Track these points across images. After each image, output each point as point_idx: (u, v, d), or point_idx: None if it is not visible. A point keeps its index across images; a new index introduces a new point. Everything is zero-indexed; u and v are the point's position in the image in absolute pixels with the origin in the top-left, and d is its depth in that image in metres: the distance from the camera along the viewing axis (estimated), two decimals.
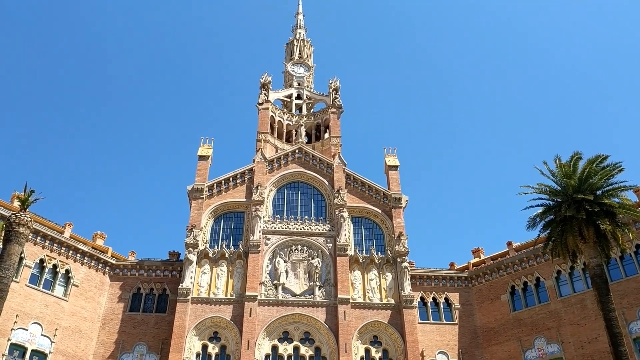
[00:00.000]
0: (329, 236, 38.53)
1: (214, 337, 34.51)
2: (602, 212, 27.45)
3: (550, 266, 36.82)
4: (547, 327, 35.42)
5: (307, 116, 48.52)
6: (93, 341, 35.08)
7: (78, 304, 35.36)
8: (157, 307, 36.92)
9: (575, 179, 28.66)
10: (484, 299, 38.88)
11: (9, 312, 30.91)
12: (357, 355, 34.20)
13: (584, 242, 27.83)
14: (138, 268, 38.09)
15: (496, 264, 39.42)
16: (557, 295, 36.13)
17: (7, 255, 22.82)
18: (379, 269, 37.85)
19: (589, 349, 33.22)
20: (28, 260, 33.88)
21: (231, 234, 38.79)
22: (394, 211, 40.03)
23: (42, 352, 32.65)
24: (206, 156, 41.11)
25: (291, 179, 41.43)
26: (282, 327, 35.00)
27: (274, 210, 39.85)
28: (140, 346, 35.16)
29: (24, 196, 25.27)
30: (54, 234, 35.84)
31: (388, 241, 39.14)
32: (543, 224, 30.22)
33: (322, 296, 36.08)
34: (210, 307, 35.06)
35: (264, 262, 37.03)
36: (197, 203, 38.74)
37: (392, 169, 42.38)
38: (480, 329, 37.94)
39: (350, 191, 40.86)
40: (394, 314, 35.81)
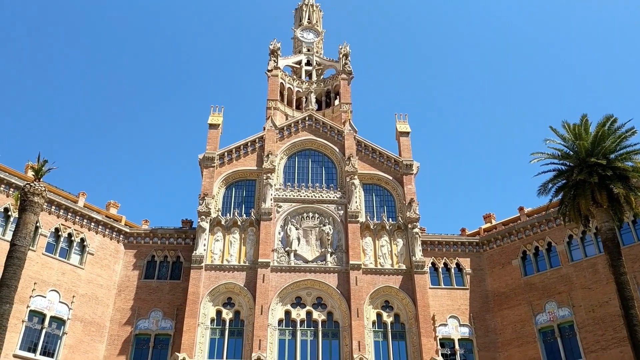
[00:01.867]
0: (340, 203, 38.65)
1: (228, 302, 35.07)
2: (615, 175, 27.26)
3: (562, 231, 36.79)
4: (558, 291, 35.58)
5: (317, 83, 48.13)
6: (109, 308, 35.79)
7: (94, 271, 35.98)
8: (171, 274, 37.50)
9: (588, 142, 28.41)
10: (495, 264, 39.04)
11: (27, 280, 31.54)
12: (368, 320, 34.66)
13: (596, 206, 27.72)
14: (152, 236, 38.54)
15: (507, 229, 39.43)
16: (569, 259, 36.19)
17: (23, 224, 23.12)
18: (390, 235, 38.02)
19: (599, 312, 33.39)
20: (43, 230, 34.40)
21: (243, 202, 39.03)
22: (405, 178, 39.97)
23: (61, 319, 33.41)
24: (216, 124, 41.11)
25: (302, 147, 41.39)
26: (294, 293, 35.46)
27: (285, 178, 39.95)
28: (155, 312, 35.84)
29: (37, 166, 25.45)
30: (68, 203, 36.27)
31: (399, 208, 39.20)
32: (555, 188, 30.10)
33: (333, 262, 36.40)
34: (224, 273, 35.53)
35: (276, 229, 37.32)
36: (208, 171, 38.91)
37: (403, 135, 42.17)
38: (492, 294, 38.20)
39: (361, 158, 40.79)
40: (405, 279, 36.10)
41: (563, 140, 29.89)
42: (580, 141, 28.72)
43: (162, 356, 34.59)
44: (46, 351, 32.24)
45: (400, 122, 43.08)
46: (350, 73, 46.53)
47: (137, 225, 39.63)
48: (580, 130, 29.20)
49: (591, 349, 32.89)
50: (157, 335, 35.22)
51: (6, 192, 33.67)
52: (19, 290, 23.76)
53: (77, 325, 33.86)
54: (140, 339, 35.10)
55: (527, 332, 35.54)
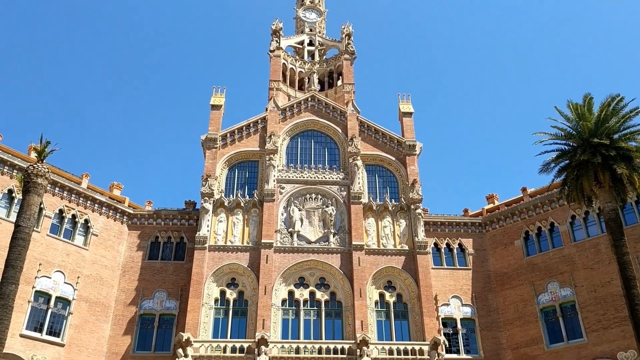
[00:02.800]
0: (343, 184, 38.66)
1: (232, 283, 35.31)
2: (618, 156, 27.22)
3: (564, 211, 36.81)
4: (560, 271, 35.70)
5: (320, 63, 47.83)
6: (114, 288, 36.08)
7: (98, 252, 36.21)
8: (175, 255, 37.72)
9: (591, 122, 28.30)
10: (497, 245, 39.14)
11: (32, 261, 31.78)
12: (371, 300, 34.89)
13: (599, 186, 27.72)
14: (155, 217, 38.70)
15: (510, 209, 39.46)
16: (571, 240, 36.25)
17: (27, 205, 23.24)
18: (393, 216, 38.08)
19: (601, 292, 33.55)
20: (47, 211, 34.57)
21: (246, 183, 39.08)
22: (407, 158, 39.90)
23: (66, 299, 33.73)
24: (219, 105, 41.00)
25: (304, 128, 41.29)
26: (298, 273, 35.66)
27: (288, 159, 39.92)
28: (160, 292, 36.14)
29: (40, 147, 25.49)
30: (72, 184, 36.39)
31: (402, 188, 39.21)
32: (558, 169, 30.09)
33: (336, 243, 36.54)
34: (227, 254, 35.72)
35: (279, 210, 37.41)
36: (211, 152, 38.90)
37: (406, 115, 41.99)
38: (494, 274, 38.36)
39: (364, 139, 40.70)
40: (408, 259, 36.24)
41: (566, 120, 29.78)
42: (583, 121, 28.61)
43: (166, 336, 34.97)
44: (52, 331, 32.62)
45: (403, 103, 42.87)
46: (353, 53, 46.20)
47: (141, 206, 39.77)
48: (584, 111, 29.07)
49: (592, 328, 33.12)
50: (162, 315, 35.56)
51: (10, 173, 33.78)
52: (25, 271, 23.95)
53: (83, 306, 34.19)
54: (145, 319, 35.45)
55: (529, 311, 35.75)
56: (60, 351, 32.33)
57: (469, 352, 35.81)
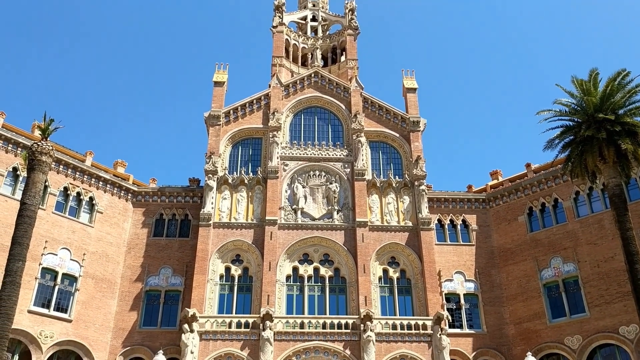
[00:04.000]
0: (347, 161, 38.62)
1: (237, 259, 35.54)
2: (623, 131, 27.11)
3: (568, 187, 36.78)
4: (563, 247, 35.81)
5: (323, 39, 47.41)
6: (120, 265, 36.39)
7: (103, 229, 36.44)
8: (180, 232, 37.95)
9: (597, 97, 28.10)
10: (501, 221, 39.20)
11: (38, 238, 32.03)
12: (375, 276, 35.12)
13: (603, 162, 27.66)
14: (159, 195, 38.84)
15: (514, 185, 39.43)
16: (575, 215, 36.29)
17: (32, 183, 23.34)
18: (397, 192, 38.09)
19: (604, 267, 33.68)
20: (52, 189, 34.71)
21: (249, 160, 39.07)
22: (412, 135, 39.77)
23: (73, 276, 34.05)
24: (221, 82, 40.78)
25: (308, 104, 41.11)
26: (302, 250, 35.85)
27: (291, 136, 39.83)
28: (165, 269, 36.45)
29: (44, 125, 25.50)
30: (76, 162, 36.47)
31: (406, 165, 39.15)
32: (562, 145, 30.04)
33: (340, 220, 36.65)
34: (232, 231, 35.90)
35: (283, 187, 37.46)
36: (214, 130, 38.85)
37: (411, 91, 41.71)
38: (497, 250, 38.50)
39: (368, 115, 40.52)
40: (412, 235, 36.37)
41: (571, 96, 29.61)
42: (588, 97, 28.42)
43: (172, 311, 35.37)
44: (59, 307, 33.01)
45: (407, 78, 42.53)
46: (357, 29, 45.74)
47: (145, 184, 39.91)
48: (589, 86, 28.88)
49: (595, 303, 33.33)
50: (167, 292, 35.92)
51: (14, 151, 33.84)
52: (31, 248, 24.13)
53: (89, 282, 34.53)
54: (150, 295, 35.83)
55: (532, 287, 35.96)
56: (68, 327, 32.76)
57: (472, 327, 36.15)
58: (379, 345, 32.33)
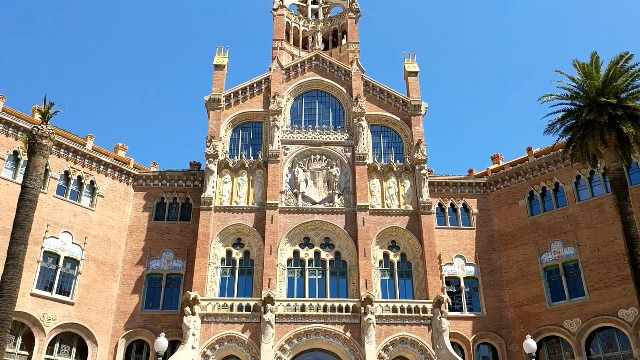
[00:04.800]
0: (348, 145, 38.57)
1: (238, 243, 35.66)
2: (625, 115, 27.05)
3: (569, 171, 36.76)
4: (564, 230, 35.88)
5: (324, 21, 47.05)
6: (121, 248, 36.54)
7: (105, 213, 36.53)
8: (181, 216, 38.06)
9: (599, 81, 27.98)
10: (502, 205, 39.25)
11: (40, 222, 32.11)
12: (375, 259, 35.25)
13: (605, 146, 27.62)
14: (160, 178, 38.88)
15: (515, 169, 39.41)
16: (576, 199, 36.31)
17: (32, 167, 23.35)
18: (398, 176, 38.09)
19: (604, 251, 33.78)
20: (53, 172, 34.74)
21: (250, 144, 39.02)
22: (413, 119, 39.65)
23: (74, 259, 34.21)
24: (222, 65, 40.59)
25: (308, 88, 40.95)
26: (302, 234, 35.95)
27: (292, 120, 39.73)
28: (166, 252, 36.61)
29: (44, 109, 25.43)
30: (77, 146, 36.46)
31: (407, 149, 39.09)
32: (564, 128, 29.99)
33: (341, 204, 36.70)
34: (233, 215, 35.98)
35: (284, 171, 37.46)
36: (215, 113, 38.76)
37: (412, 75, 41.50)
38: (498, 234, 38.60)
39: (369, 99, 40.37)
40: (412, 219, 36.43)
41: (573, 80, 29.48)
42: (590, 80, 28.30)
43: (174, 294, 35.60)
44: (62, 290, 33.21)
45: (409, 62, 42.30)
46: (358, 11, 45.37)
47: (146, 167, 39.93)
48: (591, 70, 28.74)
49: (594, 287, 33.48)
50: (169, 275, 36.11)
51: (14, 135, 33.80)
52: (33, 231, 24.23)
53: (91, 266, 34.70)
54: (152, 279, 36.03)
55: (532, 270, 36.11)
56: (70, 309, 32.98)
57: (472, 310, 36.37)
58: (379, 327, 32.55)
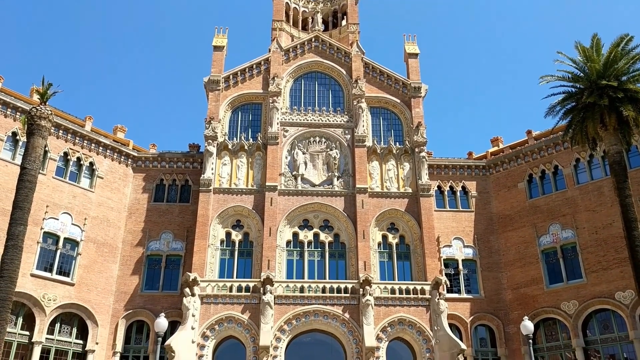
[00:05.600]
0: (347, 127, 38.46)
1: (237, 225, 35.75)
2: (625, 98, 26.95)
3: (569, 154, 36.73)
4: (562, 213, 35.97)
5: (324, 2, 46.62)
6: (121, 230, 36.63)
7: (104, 194, 36.56)
8: (180, 198, 38.10)
9: (599, 63, 27.84)
10: (501, 187, 39.29)
11: (39, 203, 32.13)
12: (374, 241, 35.37)
13: (604, 129, 27.58)
14: (159, 160, 38.85)
15: (515, 152, 39.38)
16: (575, 182, 36.34)
17: (31, 148, 23.30)
18: (397, 159, 38.06)
19: (602, 234, 33.89)
20: (52, 154, 34.69)
21: (249, 126, 38.91)
22: (413, 101, 39.50)
23: (74, 240, 34.32)
24: (221, 46, 40.32)
25: (308, 69, 40.71)
26: (302, 216, 36.02)
27: (292, 102, 39.58)
28: (166, 234, 36.72)
29: (42, 90, 25.29)
30: (76, 127, 36.36)
31: (406, 131, 39.01)
32: (564, 111, 29.91)
33: (340, 186, 36.72)
34: (232, 197, 36.00)
35: (283, 153, 37.41)
36: (214, 95, 38.59)
37: (412, 57, 41.25)
38: (496, 216, 38.69)
39: (369, 81, 40.17)
40: (411, 202, 36.48)
41: (573, 62, 29.32)
42: (591, 63, 28.16)
43: (173, 275, 35.78)
44: (62, 271, 33.36)
45: (409, 43, 42.01)
46: None
47: (145, 149, 39.85)
48: (592, 52, 28.58)
49: (592, 269, 33.66)
50: (169, 256, 36.26)
51: (13, 116, 33.68)
52: (32, 212, 24.25)
53: (91, 247, 34.81)
54: (152, 260, 36.18)
55: (530, 253, 36.26)
56: (71, 290, 33.16)
57: (470, 292, 36.59)
58: (378, 309, 32.78)
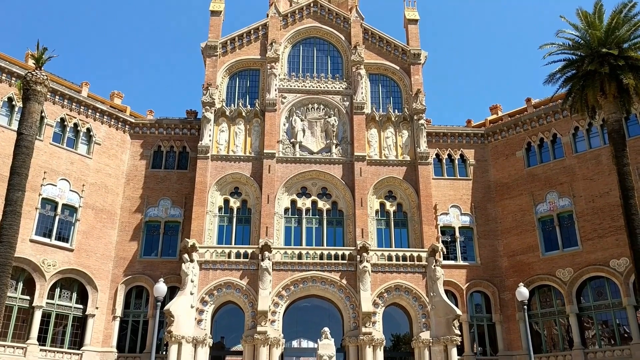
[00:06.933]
0: (346, 94, 38.20)
1: (235, 192, 35.81)
2: (626, 66, 26.70)
3: (568, 122, 36.64)
4: (560, 182, 36.06)
5: None
6: (119, 196, 36.69)
7: (102, 161, 36.51)
8: (178, 164, 38.05)
9: (601, 31, 27.50)
10: (499, 155, 39.29)
11: (37, 169, 32.07)
12: (372, 209, 35.51)
13: (604, 97, 27.42)
14: (157, 126, 38.69)
15: (513, 120, 39.25)
16: (573, 151, 36.34)
17: (28, 113, 23.11)
18: (396, 126, 37.93)
19: (599, 202, 34.06)
20: (49, 120, 34.49)
21: (247, 92, 38.62)
22: (412, 68, 39.15)
23: (73, 206, 34.40)
24: (218, 11, 39.70)
25: (306, 35, 40.18)
26: (300, 183, 36.06)
27: (290, 68, 39.20)
28: (164, 201, 36.81)
29: (37, 54, 24.96)
30: (72, 93, 36.06)
31: (405, 99, 38.77)
32: (564, 79, 29.65)
33: (338, 154, 36.67)
34: (230, 164, 35.97)
35: (281, 120, 37.22)
36: (211, 61, 38.19)
37: (412, 23, 40.73)
38: (494, 184, 38.79)
39: (368, 47, 39.73)
40: (409, 170, 36.50)
41: (575, 29, 28.95)
42: (593, 30, 27.82)
43: (172, 241, 36.02)
44: (61, 237, 33.53)
45: (409, 9, 41.43)
46: None
47: (142, 115, 39.60)
48: (594, 19, 28.18)
49: (588, 237, 33.92)
50: (167, 222, 36.43)
51: (8, 81, 33.35)
52: (30, 179, 24.20)
53: (89, 213, 34.91)
54: (150, 226, 36.36)
55: (526, 221, 36.48)
56: (70, 256, 33.39)
57: (466, 259, 36.93)
58: (375, 275, 33.10)
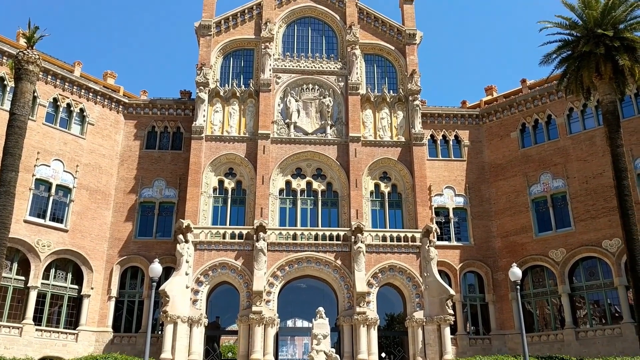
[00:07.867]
0: (341, 75, 38.03)
1: (230, 173, 35.78)
2: (622, 47, 26.69)
3: (563, 104, 36.66)
4: (554, 163, 36.19)
5: None
6: (113, 177, 36.59)
7: (95, 141, 36.32)
8: (172, 145, 37.90)
9: (598, 11, 27.40)
10: (493, 136, 39.33)
11: (30, 150, 31.91)
12: (366, 190, 35.59)
13: (599, 78, 27.42)
14: (151, 107, 38.45)
15: (508, 101, 39.23)
16: (567, 132, 36.41)
17: (20, 93, 22.90)
18: (391, 107, 37.86)
19: (592, 183, 34.23)
20: (42, 100, 34.21)
21: (241, 72, 38.39)
22: (407, 48, 38.96)
23: (67, 187, 34.30)
24: None
25: (301, 14, 39.86)
26: (295, 164, 36.06)
27: (284, 48, 38.94)
28: (159, 181, 36.74)
29: (29, 33, 24.65)
30: (64, 72, 35.73)
31: (400, 79, 38.65)
32: (559, 59, 29.60)
33: (333, 135, 36.61)
34: (224, 144, 35.88)
35: (275, 101, 37.08)
36: (205, 40, 37.87)
37: (407, 2, 40.40)
38: (488, 165, 38.89)
39: (363, 27, 39.46)
40: (404, 151, 36.53)
41: (572, 9, 28.83)
42: (589, 10, 27.71)
43: (167, 222, 36.03)
44: (55, 217, 33.48)
45: None
46: None
47: (136, 95, 39.36)
48: None
49: (581, 218, 34.15)
50: (162, 203, 36.41)
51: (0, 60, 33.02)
52: (23, 159, 24.07)
53: (83, 193, 34.84)
54: (145, 207, 36.34)
55: (520, 202, 36.66)
56: (65, 236, 33.38)
57: (460, 239, 37.15)
58: (369, 256, 33.31)
